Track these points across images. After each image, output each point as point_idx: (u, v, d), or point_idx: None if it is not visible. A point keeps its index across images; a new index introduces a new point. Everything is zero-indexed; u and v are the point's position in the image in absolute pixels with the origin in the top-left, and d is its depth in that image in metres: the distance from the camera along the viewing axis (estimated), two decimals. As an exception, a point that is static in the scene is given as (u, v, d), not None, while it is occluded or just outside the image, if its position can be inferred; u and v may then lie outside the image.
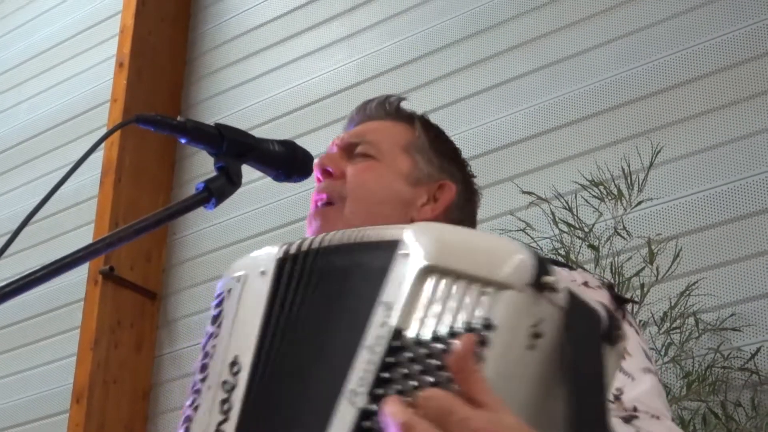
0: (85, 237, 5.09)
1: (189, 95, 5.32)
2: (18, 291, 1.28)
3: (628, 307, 1.69)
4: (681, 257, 3.27)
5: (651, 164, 3.34)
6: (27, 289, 1.29)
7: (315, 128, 4.58)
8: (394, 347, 1.16)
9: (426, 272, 1.17)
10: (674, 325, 3.21)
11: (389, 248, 1.25)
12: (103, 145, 5.02)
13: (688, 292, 3.22)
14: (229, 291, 1.44)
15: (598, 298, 1.56)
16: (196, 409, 1.39)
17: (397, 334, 1.16)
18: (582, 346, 1.14)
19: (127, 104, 5.11)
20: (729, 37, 3.65)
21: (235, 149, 1.49)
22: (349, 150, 1.81)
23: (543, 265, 1.13)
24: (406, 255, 1.21)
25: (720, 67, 3.63)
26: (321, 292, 1.35)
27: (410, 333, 1.15)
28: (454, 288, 1.14)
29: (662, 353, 3.21)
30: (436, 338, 1.13)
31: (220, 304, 1.45)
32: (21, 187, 5.73)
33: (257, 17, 5.19)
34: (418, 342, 1.14)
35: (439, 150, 1.86)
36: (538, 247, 3.35)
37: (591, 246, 3.29)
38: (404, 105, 1.89)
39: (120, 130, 4.78)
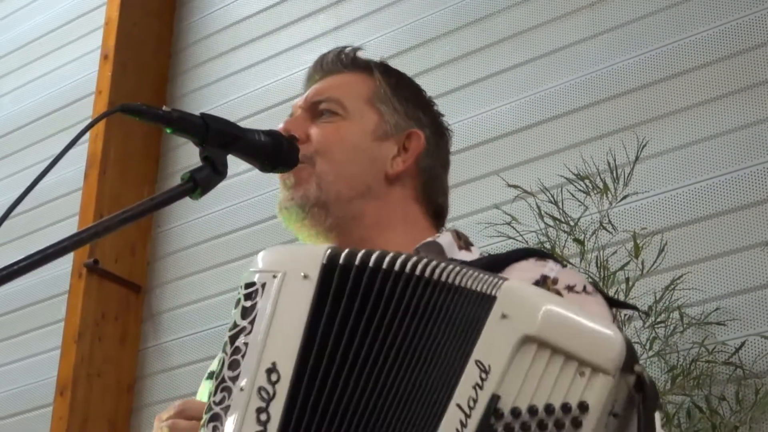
0: (68, 230, 5.06)
1: (174, 88, 5.30)
2: (1, 282, 1.27)
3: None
4: (666, 251, 3.28)
5: (637, 158, 3.35)
6: (10, 279, 1.28)
7: (300, 121, 4.57)
8: (491, 412, 1.18)
9: (527, 341, 1.19)
10: (659, 320, 3.22)
11: (482, 303, 1.25)
12: (87, 137, 5.00)
13: (673, 287, 3.23)
14: (263, 286, 1.39)
15: (595, 306, 1.55)
16: (225, 410, 1.34)
17: (495, 399, 1.18)
18: (642, 421, 1.18)
19: (111, 96, 5.09)
20: (715, 31, 3.65)
21: (221, 139, 1.48)
22: (312, 110, 1.78)
23: (633, 351, 1.18)
24: (505, 317, 1.22)
25: (706, 62, 3.64)
26: (386, 321, 1.32)
27: (507, 400, 1.18)
28: (553, 362, 1.18)
29: (647, 347, 3.21)
30: (532, 410, 1.17)
31: (252, 297, 1.40)
32: (4, 179, 5.71)
33: (243, 9, 5.17)
34: (515, 412, 1.17)
35: (403, 96, 1.81)
36: (524, 241, 3.35)
37: (576, 240, 3.29)
38: (360, 54, 1.84)
39: (104, 122, 4.77)
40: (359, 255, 1.37)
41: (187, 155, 5.01)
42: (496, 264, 1.59)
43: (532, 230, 3.40)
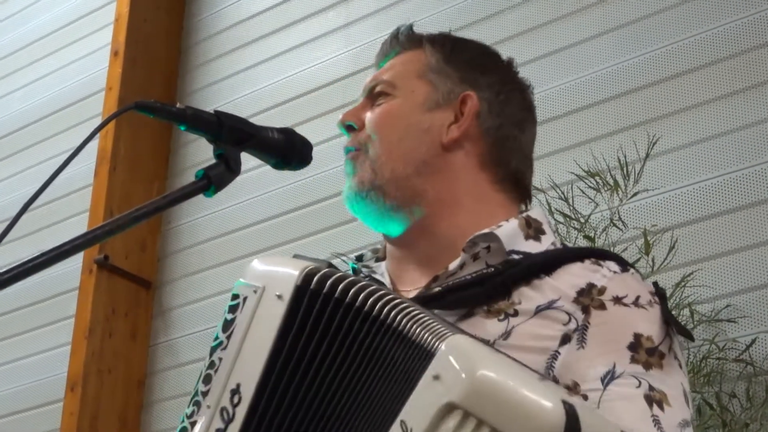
0: (78, 226, 5.08)
1: (184, 84, 5.30)
2: (16, 278, 1.27)
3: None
4: (677, 248, 3.27)
5: (647, 155, 3.34)
6: (25, 277, 1.28)
7: (311, 118, 4.57)
8: None
9: (451, 408, 1.13)
10: (668, 317, 3.21)
11: (422, 356, 1.21)
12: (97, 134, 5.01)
13: (683, 284, 3.22)
14: (245, 300, 1.41)
15: (640, 322, 1.45)
16: (192, 425, 1.38)
17: None
18: None
19: (121, 93, 5.10)
20: (727, 28, 3.64)
21: (234, 136, 1.47)
22: (370, 96, 1.73)
23: (574, 428, 1.10)
24: (437, 378, 1.16)
25: (717, 58, 3.63)
26: (339, 358, 1.32)
27: None
28: None
29: (657, 344, 3.21)
30: None
31: (233, 310, 1.42)
32: (15, 176, 5.72)
33: (253, 6, 5.17)
34: None
35: (456, 61, 1.72)
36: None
37: (587, 237, 3.28)
38: (415, 30, 1.78)
39: (114, 119, 4.77)
40: (330, 280, 1.36)
41: (197, 152, 5.01)
42: (547, 263, 1.52)
43: (542, 227, 3.39)
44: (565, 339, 1.44)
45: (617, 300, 1.47)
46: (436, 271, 1.58)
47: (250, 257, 4.51)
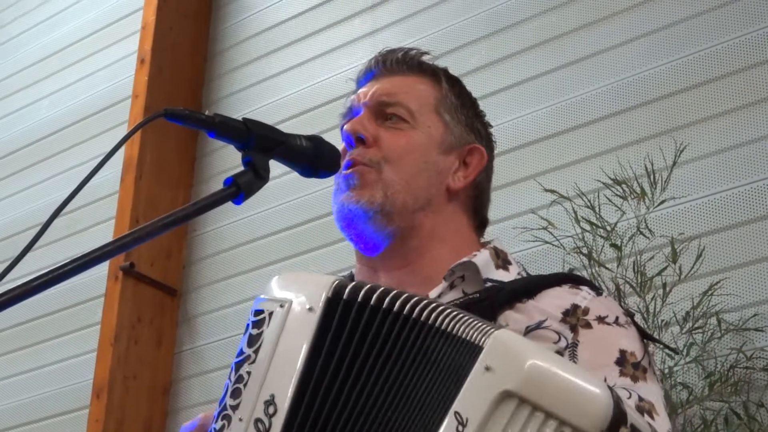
0: (104, 233, 5.10)
1: (210, 92, 5.32)
2: (45, 286, 1.27)
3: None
4: (704, 257, 3.25)
5: (674, 163, 3.33)
6: (53, 284, 1.29)
7: (336, 125, 4.55)
8: None
9: (507, 396, 1.17)
10: (696, 325, 3.20)
11: (469, 351, 1.24)
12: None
13: (710, 292, 3.20)
14: (271, 315, 1.42)
15: (624, 339, 1.53)
16: None
17: None
18: None
19: (148, 101, 5.11)
20: (755, 35, 3.62)
21: (263, 144, 1.48)
22: (378, 111, 1.76)
23: (621, 411, 1.15)
24: (489, 369, 1.20)
25: (744, 66, 3.61)
26: (380, 361, 1.33)
27: None
28: (532, 420, 1.15)
29: (684, 353, 3.19)
30: None
31: (259, 325, 1.43)
32: (43, 182, 5.75)
33: (279, 14, 5.18)
34: None
35: (464, 106, 1.81)
36: (560, 246, 3.34)
37: (613, 245, 3.27)
38: (426, 58, 1.83)
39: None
40: (363, 290, 1.37)
41: (223, 159, 5.03)
42: (529, 288, 1.59)
43: (569, 235, 3.39)
44: None
45: (600, 319, 1.55)
46: None
47: (275, 265, 4.56)
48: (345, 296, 1.38)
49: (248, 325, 1.44)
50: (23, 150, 5.98)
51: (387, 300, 1.35)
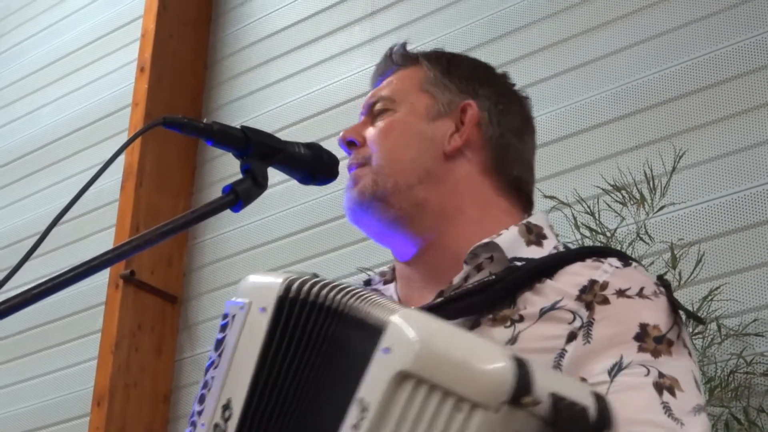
0: (105, 241, 5.10)
1: (210, 99, 5.32)
2: (44, 294, 1.28)
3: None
4: (704, 262, 3.25)
5: (674, 168, 3.33)
6: (53, 292, 1.29)
7: (336, 133, 4.50)
8: None
9: (402, 377, 1.13)
10: (696, 331, 3.20)
11: (373, 334, 1.21)
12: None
13: (710, 297, 3.20)
14: (233, 318, 1.43)
15: (645, 311, 1.46)
16: None
17: None
18: None
19: (148, 109, 5.12)
20: (754, 40, 3.63)
21: (261, 152, 1.48)
22: (370, 114, 1.75)
23: (524, 380, 1.09)
24: (387, 350, 1.17)
25: (743, 71, 3.62)
26: (312, 357, 1.33)
27: None
28: (431, 399, 1.11)
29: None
30: None
31: (224, 329, 1.44)
32: (44, 190, 5.75)
33: (278, 22, 5.19)
34: None
35: (455, 74, 1.74)
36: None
37: (613, 251, 3.27)
38: (409, 48, 1.80)
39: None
40: (305, 286, 1.37)
41: (223, 166, 5.03)
42: (548, 266, 1.52)
43: (569, 241, 3.38)
44: (572, 337, 1.44)
45: (620, 293, 1.46)
46: (442, 286, 1.58)
47: (276, 272, 4.55)
48: (291, 294, 1.38)
49: (218, 329, 1.46)
50: (24, 158, 5.99)
51: (314, 291, 1.35)
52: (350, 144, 1.73)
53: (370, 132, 1.71)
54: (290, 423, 1.32)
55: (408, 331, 1.16)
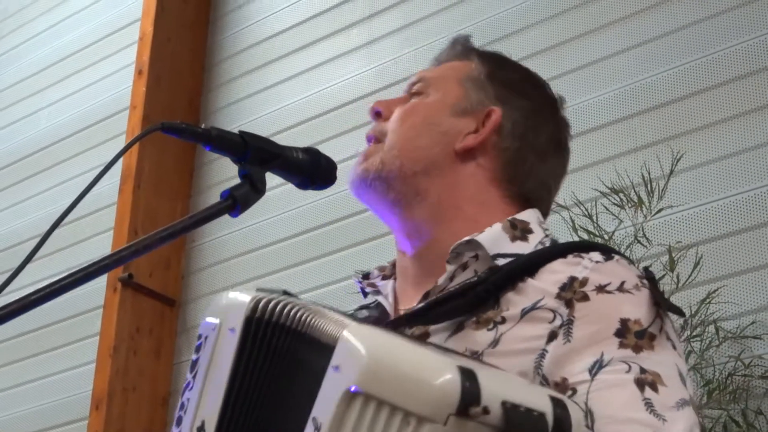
0: (103, 244, 5.10)
1: (208, 102, 5.33)
2: (43, 300, 1.28)
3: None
4: (701, 265, 3.26)
5: (671, 171, 3.33)
6: (52, 298, 1.29)
7: (334, 135, 4.58)
8: None
9: (353, 396, 1.14)
10: (695, 333, 3.20)
11: (326, 352, 1.21)
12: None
13: (708, 300, 3.21)
14: (206, 339, 1.44)
15: (625, 305, 1.43)
16: None
17: None
18: None
19: (146, 111, 5.12)
20: (752, 43, 3.63)
21: (259, 157, 1.48)
22: (409, 91, 1.74)
23: (471, 391, 1.09)
24: (337, 369, 1.17)
25: (741, 74, 3.62)
26: (277, 378, 1.34)
27: None
28: (379, 415, 1.11)
29: (683, 361, 3.19)
30: None
31: (198, 350, 1.45)
32: (42, 193, 5.75)
33: (276, 25, 5.19)
34: None
35: (498, 78, 1.72)
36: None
37: (611, 253, 3.27)
38: (471, 42, 1.79)
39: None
40: (269, 305, 1.38)
41: (222, 170, 5.03)
42: (529, 264, 1.50)
43: (567, 244, 3.39)
44: (552, 336, 1.41)
45: (600, 289, 1.44)
46: (434, 283, 1.57)
47: (273, 275, 4.55)
48: (257, 315, 1.39)
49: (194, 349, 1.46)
50: (23, 161, 5.99)
51: (276, 312, 1.36)
52: (377, 114, 1.72)
53: (397, 109, 1.71)
54: None
55: (355, 348, 1.16)
